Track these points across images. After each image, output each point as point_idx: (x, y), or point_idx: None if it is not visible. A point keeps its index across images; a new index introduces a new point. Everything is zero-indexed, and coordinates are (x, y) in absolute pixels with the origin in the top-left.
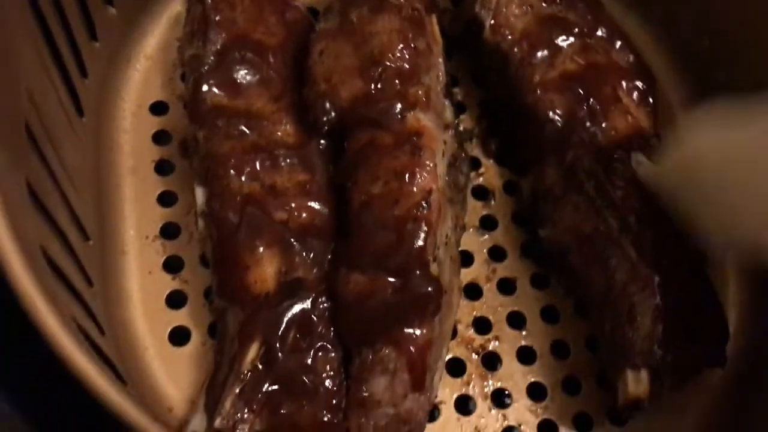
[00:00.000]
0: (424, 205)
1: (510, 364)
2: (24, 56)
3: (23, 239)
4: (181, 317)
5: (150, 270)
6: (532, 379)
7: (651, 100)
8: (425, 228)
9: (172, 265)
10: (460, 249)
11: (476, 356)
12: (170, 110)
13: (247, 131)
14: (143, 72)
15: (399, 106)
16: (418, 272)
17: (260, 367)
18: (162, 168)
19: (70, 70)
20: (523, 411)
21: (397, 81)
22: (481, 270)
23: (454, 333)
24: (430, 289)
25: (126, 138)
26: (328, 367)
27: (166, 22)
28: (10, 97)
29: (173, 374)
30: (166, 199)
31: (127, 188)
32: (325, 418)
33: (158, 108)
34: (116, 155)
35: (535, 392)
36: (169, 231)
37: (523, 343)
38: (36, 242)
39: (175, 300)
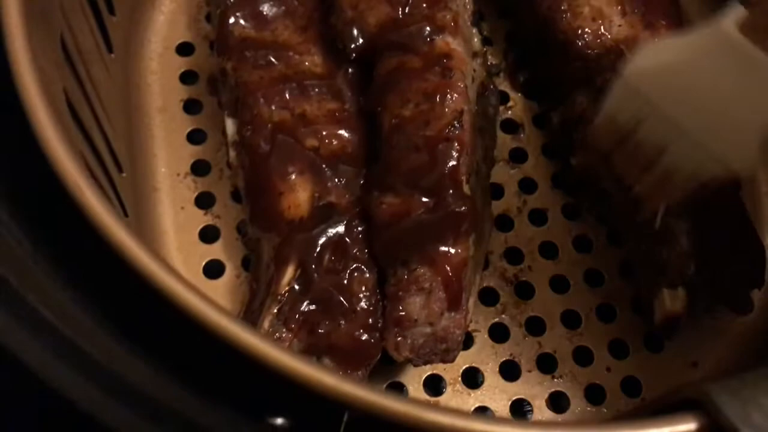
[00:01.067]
0: (456, 125)
1: (543, 293)
2: None
3: (68, 141)
4: (214, 251)
5: (182, 206)
6: (566, 307)
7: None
8: (458, 147)
9: (204, 201)
10: (490, 182)
11: (509, 286)
12: (196, 51)
13: (275, 62)
14: (168, 14)
15: (428, 29)
16: (451, 191)
17: (297, 288)
18: (190, 107)
19: (99, 3)
20: (558, 338)
21: (424, 5)
22: (512, 202)
23: (487, 263)
24: (464, 207)
25: (154, 78)
26: (363, 288)
27: None
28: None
29: None
30: (195, 137)
31: (156, 127)
32: (363, 337)
33: (184, 49)
34: (145, 95)
35: (570, 320)
36: (199, 168)
37: (556, 272)
38: (79, 152)
39: (209, 234)
